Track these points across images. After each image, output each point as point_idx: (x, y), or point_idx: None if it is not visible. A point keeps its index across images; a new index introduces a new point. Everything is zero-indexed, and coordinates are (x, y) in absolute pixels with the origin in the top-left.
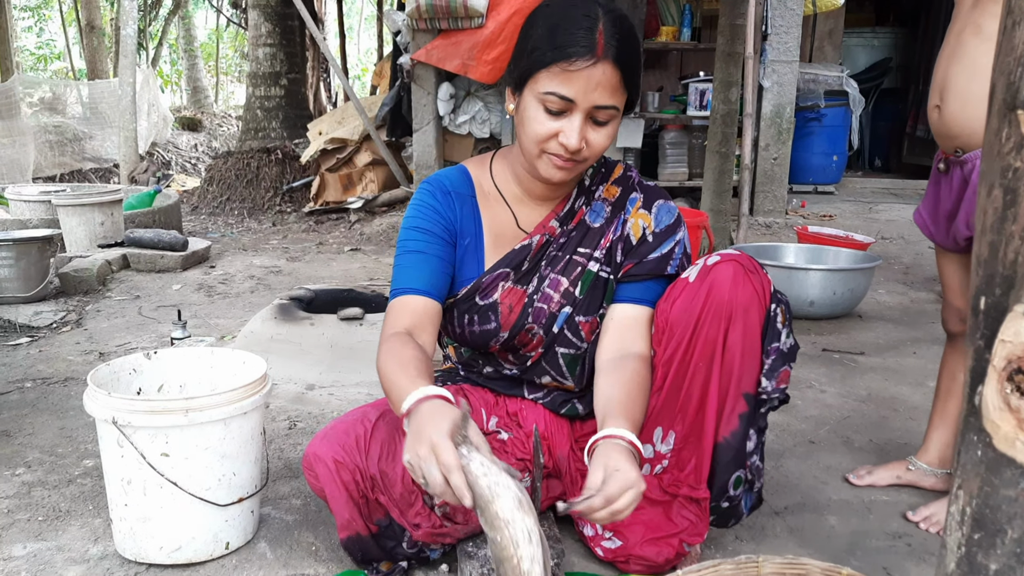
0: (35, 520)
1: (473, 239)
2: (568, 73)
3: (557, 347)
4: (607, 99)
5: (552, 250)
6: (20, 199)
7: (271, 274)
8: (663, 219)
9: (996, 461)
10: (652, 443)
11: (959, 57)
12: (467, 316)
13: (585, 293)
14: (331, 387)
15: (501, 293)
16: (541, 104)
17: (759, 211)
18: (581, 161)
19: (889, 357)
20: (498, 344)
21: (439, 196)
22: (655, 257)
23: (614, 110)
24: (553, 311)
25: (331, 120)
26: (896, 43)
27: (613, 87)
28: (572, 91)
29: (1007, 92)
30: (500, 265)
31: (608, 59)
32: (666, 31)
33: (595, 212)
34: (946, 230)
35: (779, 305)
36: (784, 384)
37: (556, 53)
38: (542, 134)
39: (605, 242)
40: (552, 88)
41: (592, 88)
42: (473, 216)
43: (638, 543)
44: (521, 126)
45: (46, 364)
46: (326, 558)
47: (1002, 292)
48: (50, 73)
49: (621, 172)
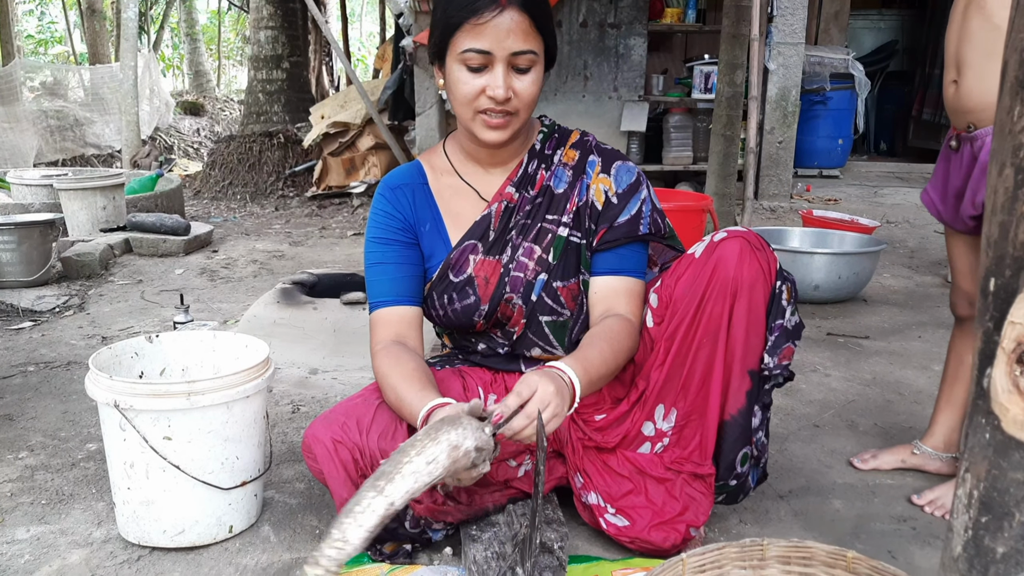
0: (38, 503)
1: (432, 223)
2: (479, 27)
3: (539, 316)
4: (521, 44)
5: (520, 217)
6: (22, 183)
7: (274, 258)
8: (623, 179)
9: (1004, 444)
10: (653, 421)
11: (968, 34)
12: (445, 296)
13: (558, 259)
14: (334, 371)
15: (474, 266)
16: (463, 64)
17: (764, 195)
18: (513, 113)
19: (894, 341)
20: (481, 318)
21: (388, 195)
22: (624, 220)
23: (532, 55)
24: (529, 279)
25: (333, 104)
26: (902, 26)
27: (525, 31)
28: (487, 43)
29: (1020, 70)
30: (465, 238)
31: (514, 5)
32: (671, 13)
33: (557, 178)
34: (955, 209)
35: (785, 282)
36: (787, 361)
37: (464, 12)
38: (469, 93)
39: (571, 207)
40: (468, 45)
41: (504, 36)
42: (427, 202)
43: (645, 527)
44: (451, 94)
45: (49, 348)
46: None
47: (1012, 273)
48: (51, 57)
49: (578, 136)
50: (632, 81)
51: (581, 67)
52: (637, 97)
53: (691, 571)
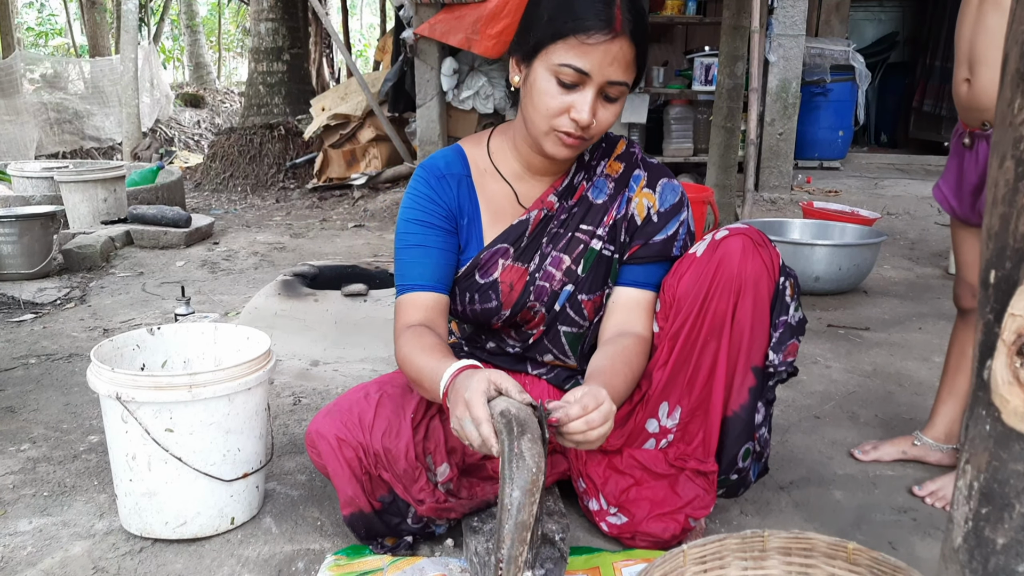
0: (40, 495)
1: (470, 218)
2: (586, 46)
3: (559, 325)
4: (621, 75)
5: (553, 227)
6: (23, 175)
7: (275, 250)
8: (667, 198)
9: (1005, 435)
10: (657, 418)
11: (983, 29)
12: (468, 294)
13: (588, 271)
14: (335, 363)
15: (501, 271)
16: (554, 76)
17: (764, 186)
18: (588, 139)
19: (895, 332)
20: (500, 321)
21: (433, 182)
22: (660, 239)
23: (624, 87)
24: (555, 289)
25: (334, 96)
26: (903, 17)
27: (627, 63)
28: (589, 64)
29: (1020, 62)
30: (498, 241)
31: (626, 34)
32: (672, 4)
33: (598, 188)
34: (971, 205)
35: (788, 278)
36: (792, 357)
37: (575, 24)
38: (554, 108)
39: (608, 220)
40: (568, 60)
41: (608, 63)
42: (469, 195)
43: (644, 519)
44: (529, 99)
45: (50, 340)
46: (331, 533)
47: (1013, 265)
48: (51, 50)
49: (624, 148)
50: None
51: None
52: (638, 89)
53: (692, 562)
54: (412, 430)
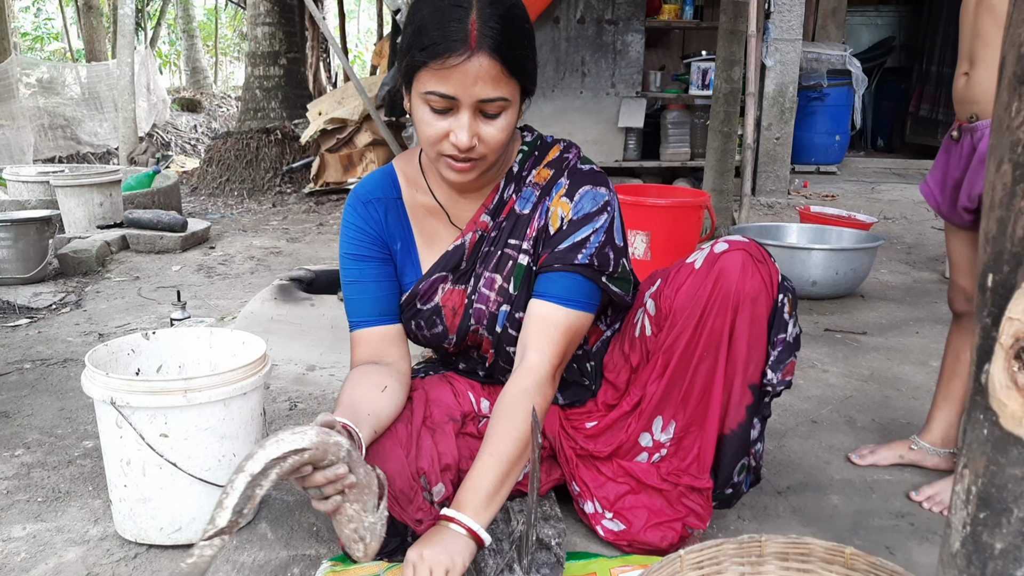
0: (34, 501)
1: (404, 243)
2: (445, 70)
3: (506, 346)
4: (490, 92)
5: (485, 246)
6: (18, 180)
7: (271, 255)
8: (583, 207)
9: (1003, 440)
10: (651, 432)
11: (980, 32)
12: (413, 322)
13: (519, 288)
14: (332, 368)
15: (442, 296)
16: (426, 104)
17: (761, 191)
18: (479, 158)
19: (892, 337)
20: (451, 346)
21: (360, 209)
22: (564, 247)
23: (503, 101)
24: (492, 311)
25: (331, 100)
26: (900, 22)
27: (495, 78)
28: (451, 88)
29: (1017, 65)
30: (436, 269)
31: (484, 50)
32: (668, 9)
33: (524, 199)
34: (953, 201)
35: (786, 295)
36: (790, 376)
37: (430, 51)
38: (432, 135)
39: (531, 232)
40: (431, 87)
41: (472, 83)
42: (399, 220)
43: (642, 528)
44: (416, 128)
45: (45, 345)
46: (327, 539)
47: (1010, 269)
48: (47, 54)
49: (557, 153)
50: (630, 77)
51: (579, 63)
52: (635, 93)
53: (689, 567)
54: (404, 449)
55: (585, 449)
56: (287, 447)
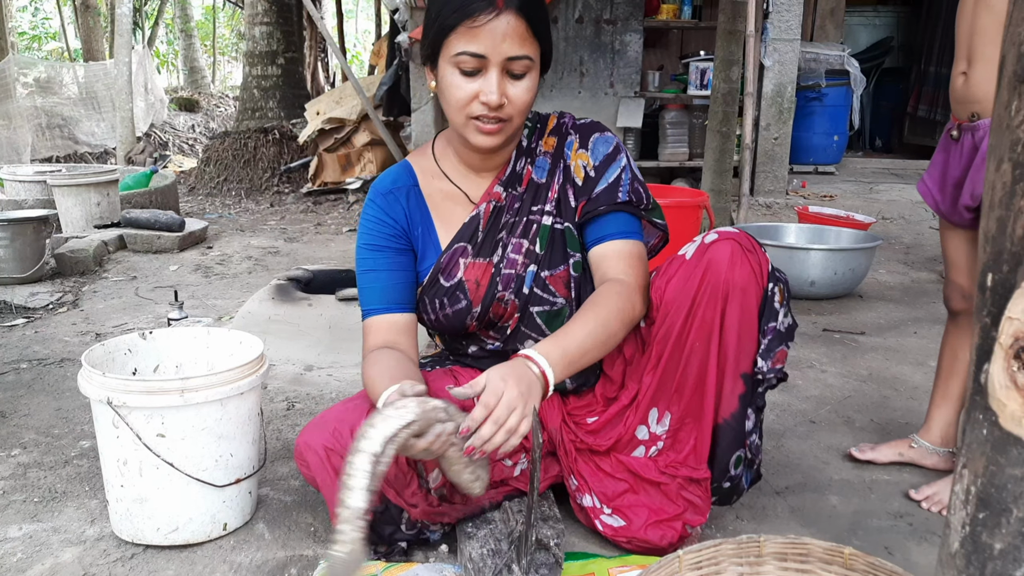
0: (31, 501)
1: (424, 227)
2: (474, 30)
3: (531, 307)
4: (517, 49)
5: (508, 216)
6: (15, 179)
7: (269, 255)
8: (600, 150)
9: (1002, 440)
10: (647, 425)
11: (979, 29)
12: (436, 301)
13: (545, 248)
14: (329, 368)
15: (464, 270)
16: (456, 68)
17: (760, 191)
18: (507, 119)
19: (890, 337)
20: (473, 321)
21: (380, 201)
22: (603, 189)
23: (528, 60)
24: (520, 273)
25: (329, 100)
26: (898, 22)
27: (521, 36)
28: (482, 47)
29: (1017, 64)
30: (455, 241)
31: (511, 8)
32: (667, 9)
33: (540, 168)
34: (953, 200)
35: (777, 284)
36: (781, 364)
37: (459, 14)
38: (462, 98)
39: (552, 194)
40: (462, 47)
41: (500, 40)
42: (419, 204)
43: (642, 526)
44: (443, 97)
45: (42, 345)
46: (325, 539)
47: (1010, 269)
48: (45, 54)
49: (555, 122)
50: (628, 77)
51: (577, 63)
52: (633, 93)
53: (687, 568)
54: None
55: (585, 443)
56: (397, 423)
